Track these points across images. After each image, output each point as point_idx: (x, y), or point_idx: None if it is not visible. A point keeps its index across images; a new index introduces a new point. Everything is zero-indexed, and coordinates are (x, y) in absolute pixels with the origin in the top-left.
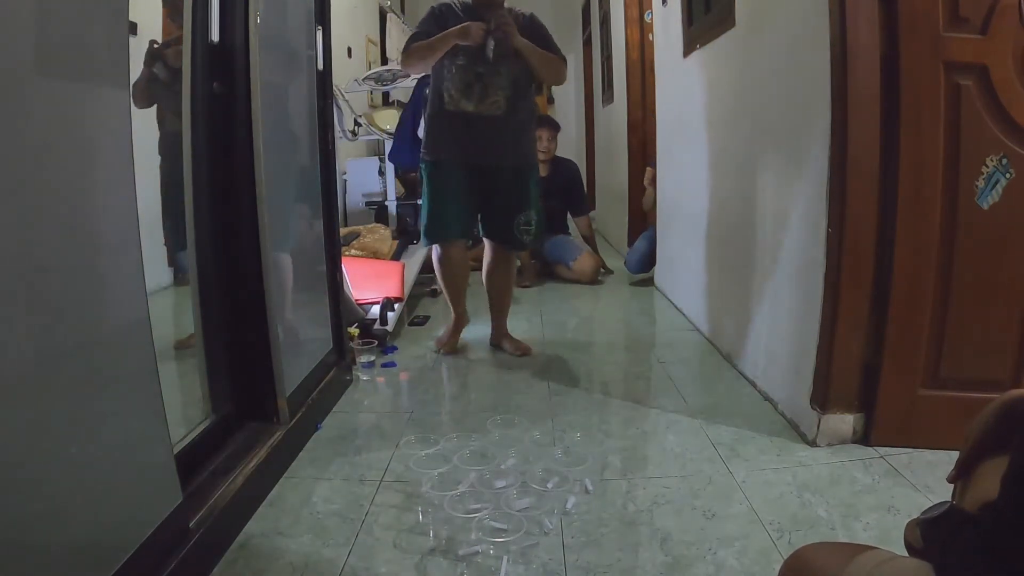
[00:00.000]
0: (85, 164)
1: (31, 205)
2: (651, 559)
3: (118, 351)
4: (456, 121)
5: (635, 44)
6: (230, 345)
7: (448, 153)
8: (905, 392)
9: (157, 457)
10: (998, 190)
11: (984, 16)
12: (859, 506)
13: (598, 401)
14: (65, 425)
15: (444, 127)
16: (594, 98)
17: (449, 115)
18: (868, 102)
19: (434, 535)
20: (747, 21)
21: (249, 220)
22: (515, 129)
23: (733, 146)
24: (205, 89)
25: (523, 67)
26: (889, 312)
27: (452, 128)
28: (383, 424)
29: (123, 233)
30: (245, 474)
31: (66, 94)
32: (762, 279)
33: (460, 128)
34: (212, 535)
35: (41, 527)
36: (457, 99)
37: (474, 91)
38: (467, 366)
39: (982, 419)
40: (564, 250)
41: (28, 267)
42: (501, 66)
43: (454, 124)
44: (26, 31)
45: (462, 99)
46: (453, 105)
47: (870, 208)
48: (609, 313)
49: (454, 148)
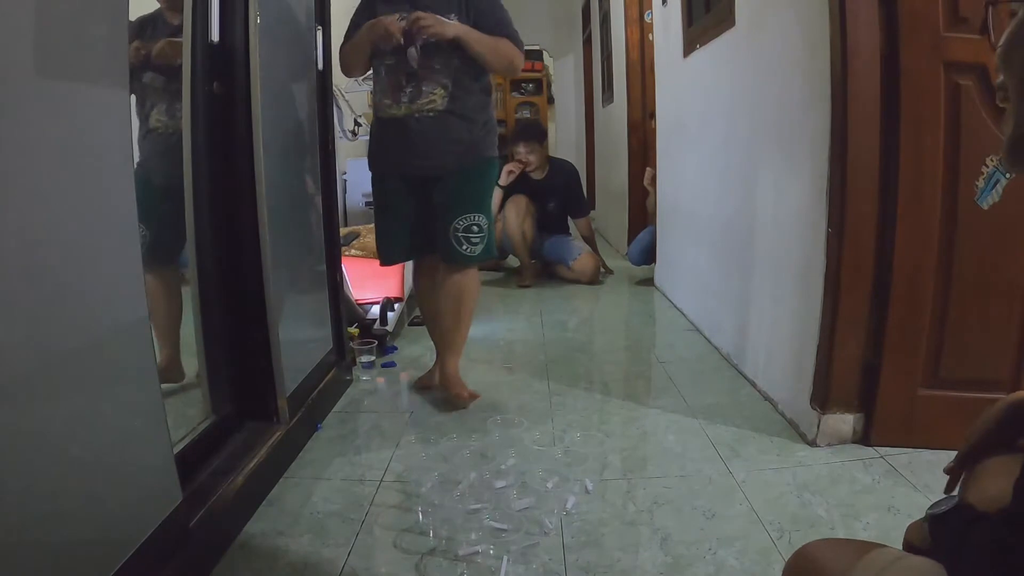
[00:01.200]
0: (85, 164)
1: (31, 205)
2: (651, 559)
3: (118, 351)
4: (389, 129)
5: (635, 44)
6: (230, 345)
7: (385, 166)
8: (905, 392)
9: (157, 457)
10: (998, 190)
11: (984, 16)
12: (859, 506)
13: (598, 401)
14: (65, 425)
15: (379, 137)
16: (594, 98)
17: (382, 123)
18: (868, 102)
19: (434, 535)
20: (747, 21)
21: (249, 220)
22: (459, 123)
23: (733, 146)
24: (205, 89)
25: (464, 52)
26: (889, 312)
27: (386, 137)
28: (383, 424)
29: (123, 233)
30: (245, 474)
31: (66, 94)
32: (762, 279)
33: (394, 136)
34: (212, 535)
35: (41, 527)
36: (388, 105)
37: (405, 92)
38: (467, 366)
39: (988, 416)
40: (564, 250)
41: (28, 267)
42: (435, 60)
43: (387, 132)
44: (26, 31)
45: (392, 104)
46: (384, 112)
47: (870, 208)
48: (609, 313)
49: (390, 159)
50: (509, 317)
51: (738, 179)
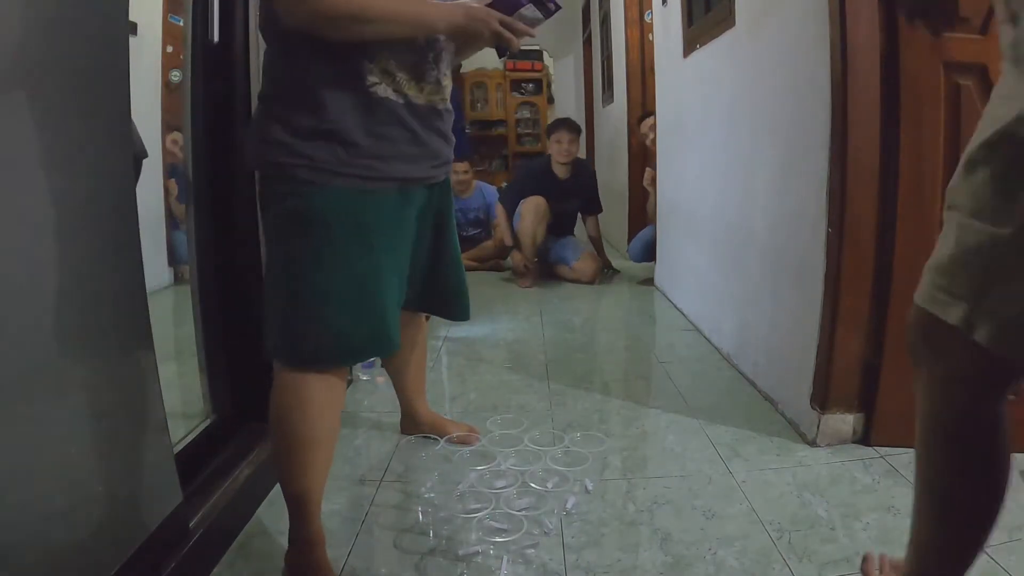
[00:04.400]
0: (84, 163)
1: (31, 205)
2: (651, 559)
3: (118, 351)
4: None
5: (635, 44)
6: (230, 345)
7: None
8: (905, 392)
9: (157, 457)
10: None
11: (984, 16)
12: (859, 506)
13: (598, 401)
14: (65, 425)
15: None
16: (594, 98)
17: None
18: (868, 102)
19: (434, 535)
20: (747, 21)
21: (249, 220)
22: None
23: (733, 146)
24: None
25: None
26: (889, 312)
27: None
28: (383, 424)
29: (123, 233)
30: (245, 474)
31: (65, 93)
32: (762, 279)
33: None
34: (212, 535)
35: (42, 527)
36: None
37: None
38: (467, 366)
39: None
40: (566, 251)
41: (28, 267)
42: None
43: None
44: (25, 31)
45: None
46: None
47: (870, 208)
48: (609, 313)
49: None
50: (509, 317)
51: (738, 179)
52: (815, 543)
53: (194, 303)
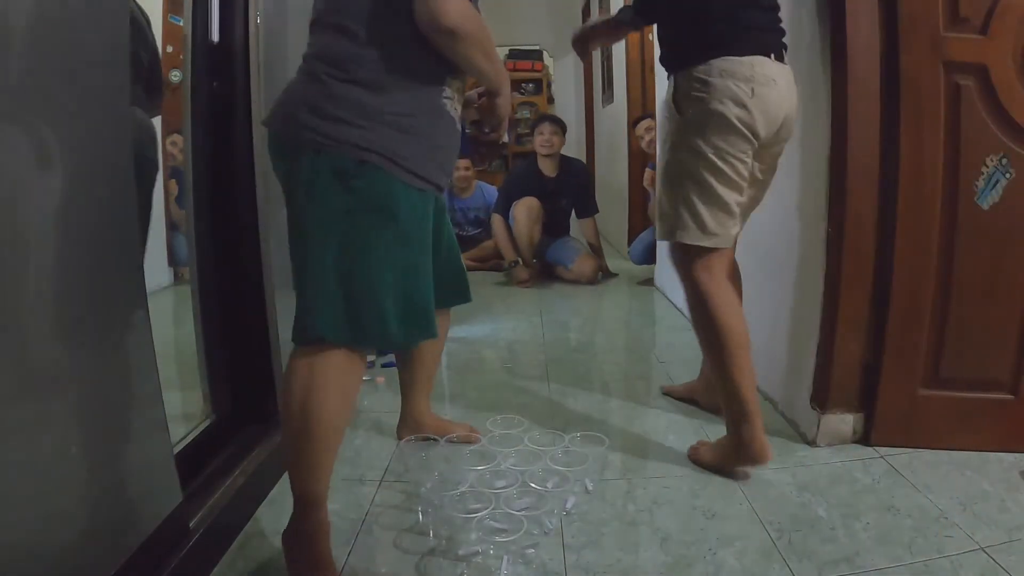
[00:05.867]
0: (84, 163)
1: (31, 205)
2: (651, 559)
3: (118, 351)
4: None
5: (635, 44)
6: (230, 345)
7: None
8: (905, 392)
9: (157, 457)
10: (998, 190)
11: (984, 16)
12: (859, 506)
13: (598, 401)
14: (65, 425)
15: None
16: (594, 98)
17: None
18: (868, 102)
19: (434, 535)
20: None
21: (249, 220)
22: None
23: None
24: (205, 89)
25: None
26: (889, 312)
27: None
28: (383, 424)
29: (123, 233)
30: (245, 474)
31: (65, 93)
32: (762, 279)
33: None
34: (212, 535)
35: (42, 527)
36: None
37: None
38: (467, 366)
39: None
40: (564, 252)
41: (28, 267)
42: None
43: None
44: (25, 30)
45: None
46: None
47: (870, 208)
48: (609, 313)
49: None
50: (509, 317)
51: None
52: (815, 543)
53: (194, 303)
